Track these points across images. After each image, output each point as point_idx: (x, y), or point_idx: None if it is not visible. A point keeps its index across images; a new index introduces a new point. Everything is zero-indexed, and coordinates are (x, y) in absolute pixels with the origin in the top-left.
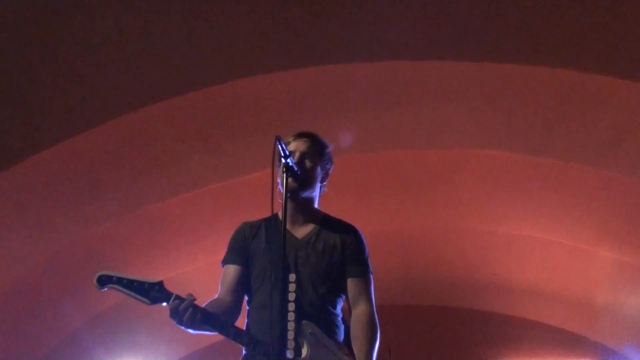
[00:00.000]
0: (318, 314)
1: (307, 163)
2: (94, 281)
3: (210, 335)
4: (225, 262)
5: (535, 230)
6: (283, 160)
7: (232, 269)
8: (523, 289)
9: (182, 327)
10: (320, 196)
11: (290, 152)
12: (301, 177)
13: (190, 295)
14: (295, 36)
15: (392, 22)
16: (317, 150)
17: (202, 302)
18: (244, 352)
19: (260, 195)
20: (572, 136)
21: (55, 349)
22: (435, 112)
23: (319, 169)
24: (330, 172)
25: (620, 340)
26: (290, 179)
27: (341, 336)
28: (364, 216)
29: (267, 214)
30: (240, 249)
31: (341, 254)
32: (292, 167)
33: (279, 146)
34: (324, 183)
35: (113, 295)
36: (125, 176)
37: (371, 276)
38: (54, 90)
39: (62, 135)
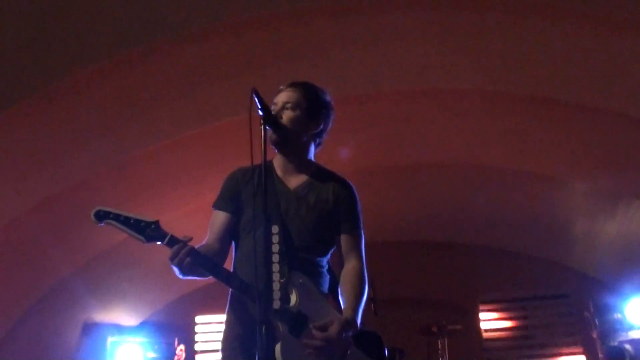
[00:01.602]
0: (304, 264)
1: (288, 113)
2: (92, 215)
3: (194, 282)
4: (215, 206)
5: (511, 162)
6: (259, 113)
7: (222, 216)
8: (502, 220)
9: (177, 270)
10: (317, 146)
11: (275, 102)
12: (279, 129)
13: (186, 237)
14: None
15: None
16: (301, 99)
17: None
18: (230, 293)
19: (243, 139)
20: (543, 69)
21: (44, 296)
22: (407, 51)
23: (303, 118)
24: (323, 121)
25: (597, 266)
26: (270, 131)
27: (326, 287)
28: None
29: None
30: (231, 196)
31: (332, 208)
32: (267, 119)
33: (255, 99)
34: (317, 132)
35: (101, 243)
36: (110, 123)
37: (362, 232)
38: (27, 38)
39: (43, 83)
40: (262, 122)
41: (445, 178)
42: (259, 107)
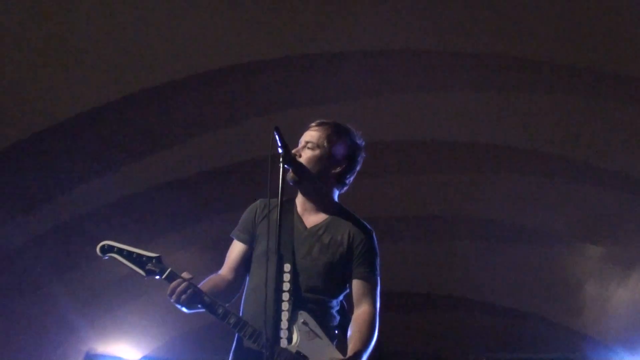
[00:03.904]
0: (312, 304)
1: (307, 152)
2: (97, 249)
3: (197, 320)
4: (233, 235)
5: (526, 220)
6: (279, 150)
7: (238, 247)
8: (512, 279)
9: (178, 306)
10: (342, 187)
11: (300, 141)
12: (296, 167)
13: (187, 274)
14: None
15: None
16: (323, 139)
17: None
18: (237, 335)
19: (258, 177)
20: (567, 129)
21: (44, 327)
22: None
23: (321, 158)
24: (346, 162)
25: (607, 332)
26: (290, 169)
27: (334, 328)
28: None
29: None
30: (249, 227)
31: (347, 251)
32: (286, 156)
33: (276, 136)
34: (338, 172)
35: (102, 277)
36: (116, 159)
37: (378, 279)
38: (45, 74)
39: (58, 116)
40: (281, 160)
41: (456, 232)
42: (279, 144)
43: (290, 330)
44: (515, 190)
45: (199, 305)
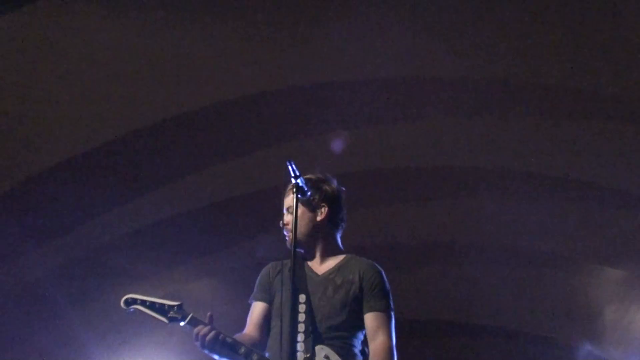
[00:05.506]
0: (335, 341)
1: (289, 217)
2: (121, 303)
3: None
4: (253, 299)
5: (547, 245)
6: (293, 181)
7: (258, 306)
8: (532, 305)
9: (206, 352)
10: (336, 227)
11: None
12: (295, 231)
13: (208, 316)
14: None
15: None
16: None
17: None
18: None
19: (268, 210)
20: (585, 153)
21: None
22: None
23: (304, 214)
24: (325, 206)
25: (627, 357)
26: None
27: None
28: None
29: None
30: (265, 287)
31: (359, 288)
32: (302, 187)
33: (290, 167)
34: (324, 217)
35: (121, 308)
36: (132, 191)
37: (392, 312)
38: (60, 106)
39: (70, 150)
40: (293, 189)
41: (475, 258)
42: (293, 175)
43: None
44: (534, 215)
45: (225, 350)
